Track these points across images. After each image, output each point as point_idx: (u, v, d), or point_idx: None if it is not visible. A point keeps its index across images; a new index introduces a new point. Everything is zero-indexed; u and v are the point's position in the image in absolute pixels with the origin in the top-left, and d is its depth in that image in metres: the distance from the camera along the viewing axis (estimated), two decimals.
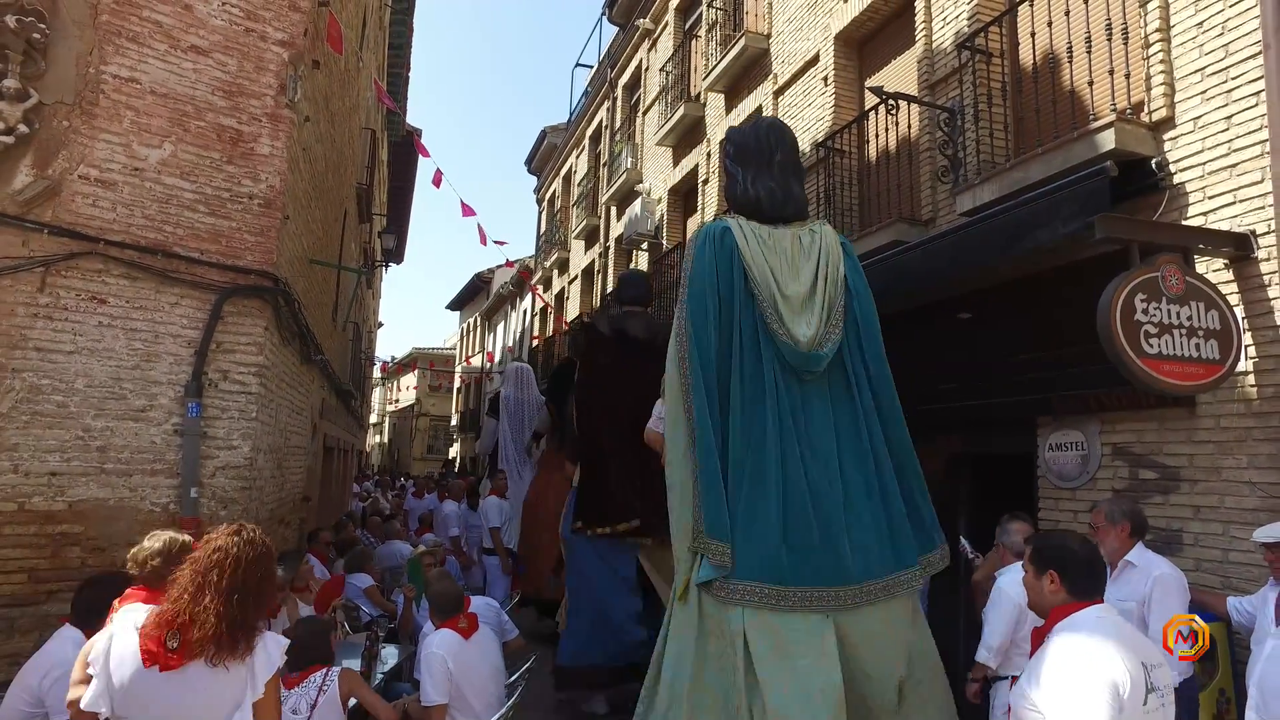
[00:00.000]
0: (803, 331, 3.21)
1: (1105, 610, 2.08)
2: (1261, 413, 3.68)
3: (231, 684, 2.13)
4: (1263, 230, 3.69)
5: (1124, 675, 1.89)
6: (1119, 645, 1.95)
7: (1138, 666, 1.93)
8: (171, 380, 4.98)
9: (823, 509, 3.04)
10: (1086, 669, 1.91)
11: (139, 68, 5.03)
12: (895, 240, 5.86)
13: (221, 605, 2.09)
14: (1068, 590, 2.09)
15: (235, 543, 2.18)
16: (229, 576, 2.12)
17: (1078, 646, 1.97)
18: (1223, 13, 3.97)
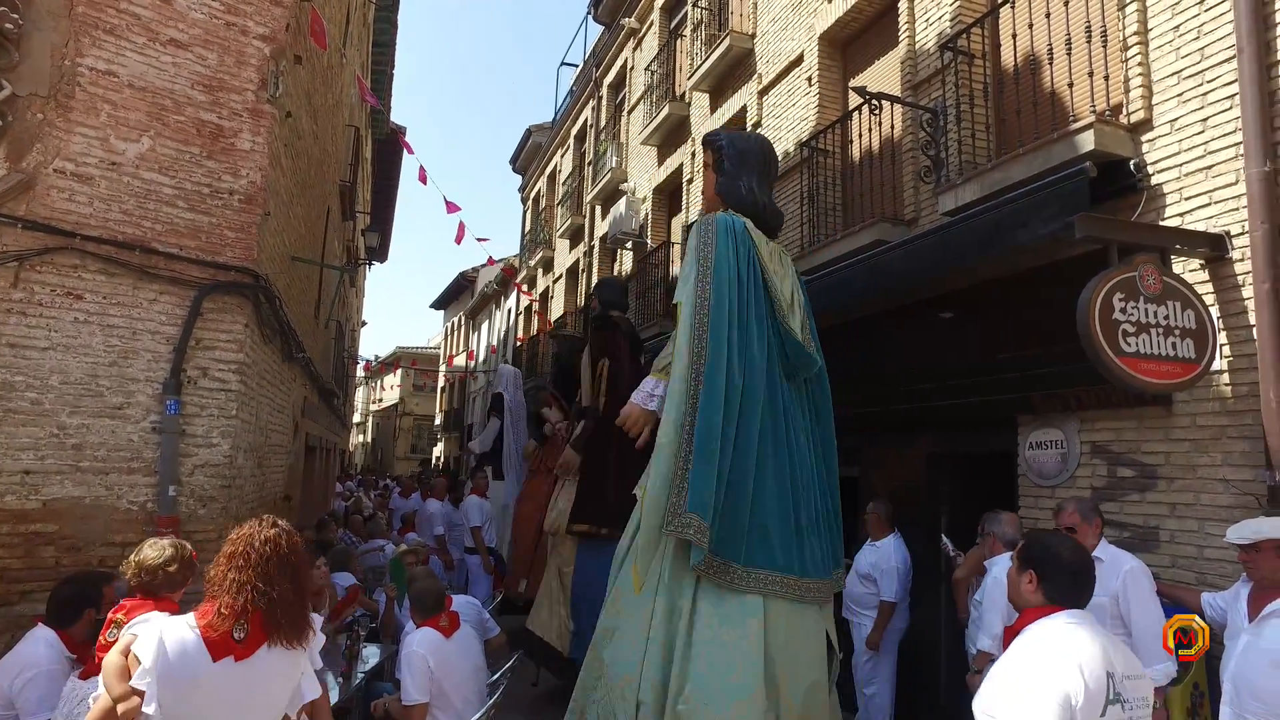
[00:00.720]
0: (803, 337, 3.52)
1: (1077, 617, 2.02)
2: (1235, 411, 3.73)
3: (299, 662, 2.26)
4: (1237, 231, 3.74)
5: (1077, 685, 1.84)
6: (1080, 653, 1.90)
7: (1099, 676, 1.87)
8: (149, 377, 4.92)
9: (808, 505, 3.25)
10: (1038, 676, 1.88)
11: (116, 60, 4.96)
12: (878, 240, 5.89)
13: (276, 593, 2.16)
14: (1044, 594, 2.06)
15: (277, 533, 2.25)
16: (278, 566, 2.19)
17: (1034, 652, 1.94)
18: (1198, 17, 4.02)
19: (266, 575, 2.15)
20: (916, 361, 5.67)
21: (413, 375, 35.29)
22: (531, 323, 19.49)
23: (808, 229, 7.11)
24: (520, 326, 20.48)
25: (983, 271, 4.89)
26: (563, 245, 17.30)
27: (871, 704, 5.21)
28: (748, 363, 3.28)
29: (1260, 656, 2.70)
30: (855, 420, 5.56)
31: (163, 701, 2.03)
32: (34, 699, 2.92)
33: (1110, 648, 1.96)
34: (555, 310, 17.37)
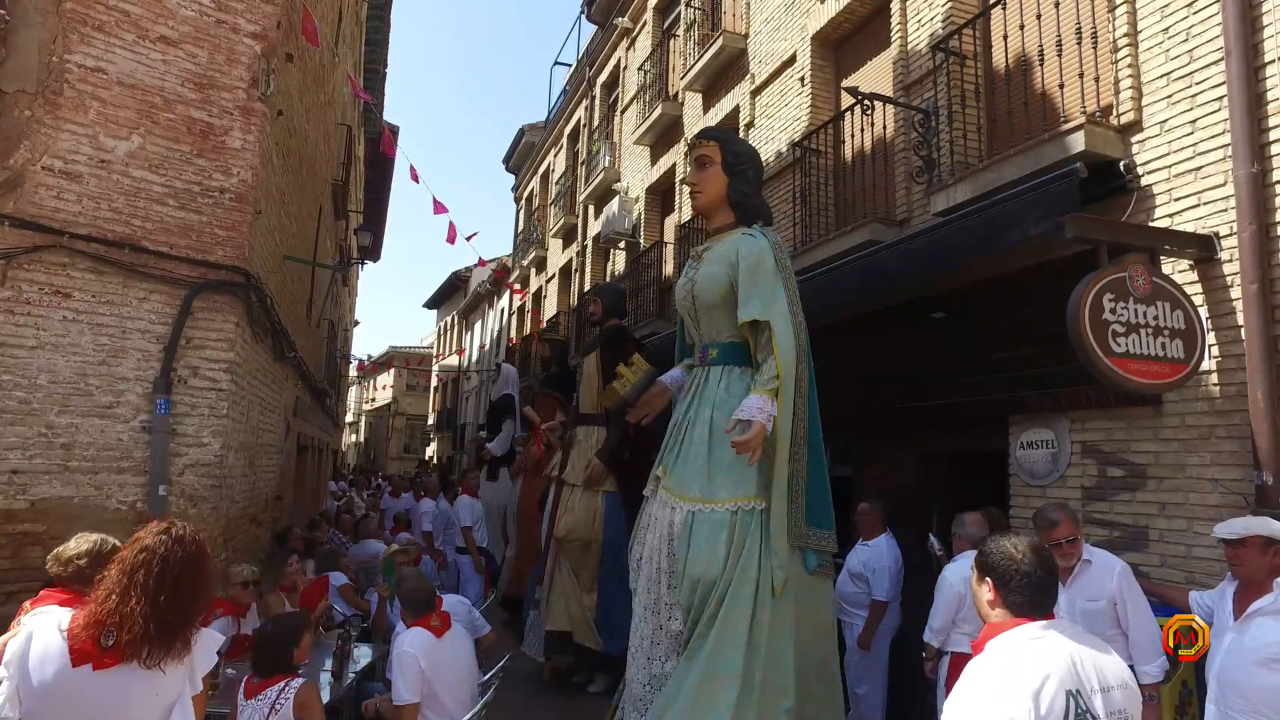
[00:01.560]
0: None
1: (1042, 630, 1.84)
2: (1224, 410, 3.75)
3: (169, 684, 2.06)
4: (1225, 232, 3.76)
5: (1024, 709, 1.69)
6: (1035, 674, 1.74)
7: (1056, 699, 1.72)
8: (139, 377, 4.89)
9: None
10: (979, 703, 1.75)
11: (105, 57, 4.94)
12: (870, 240, 5.90)
13: (149, 607, 2.01)
14: (1004, 604, 1.89)
15: (162, 541, 2.09)
16: (156, 578, 2.03)
17: (987, 675, 1.80)
18: (1187, 20, 4.04)
19: (145, 586, 2.02)
20: (908, 361, 5.69)
21: (405, 375, 35.21)
22: (525, 322, 19.47)
23: (800, 229, 7.12)
24: (513, 326, 20.46)
25: (974, 272, 4.90)
26: (555, 245, 17.29)
27: (863, 703, 5.21)
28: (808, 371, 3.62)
29: (1245, 654, 2.70)
30: (848, 420, 5.57)
31: (21, 699, 1.97)
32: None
33: (1084, 660, 1.80)
34: (548, 310, 17.36)
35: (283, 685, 3.13)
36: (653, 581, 3.54)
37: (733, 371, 3.63)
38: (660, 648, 3.46)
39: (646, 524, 3.70)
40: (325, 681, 4.11)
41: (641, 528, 3.74)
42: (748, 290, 3.45)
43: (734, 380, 3.59)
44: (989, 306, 5.09)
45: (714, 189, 3.76)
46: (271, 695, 3.09)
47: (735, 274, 3.51)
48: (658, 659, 3.45)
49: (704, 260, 3.74)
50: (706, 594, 3.28)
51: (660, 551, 3.53)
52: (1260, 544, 2.87)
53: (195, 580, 2.12)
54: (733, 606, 3.22)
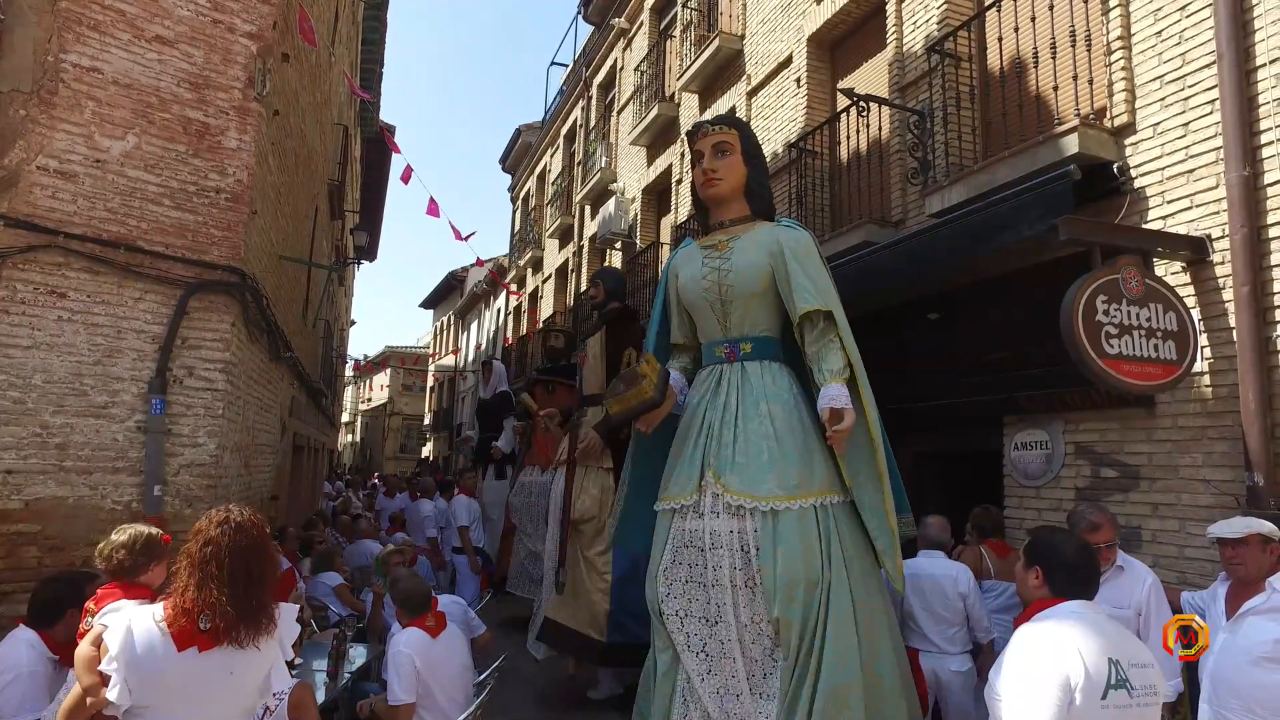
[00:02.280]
0: None
1: (1083, 606, 2.07)
2: (1216, 412, 3.77)
3: (265, 657, 2.22)
4: (1218, 235, 3.79)
5: (1077, 667, 1.89)
6: (1082, 638, 1.95)
7: (1100, 660, 1.92)
8: (135, 376, 4.89)
9: None
10: (1038, 658, 1.94)
11: (101, 57, 4.93)
12: (866, 241, 5.92)
13: (229, 595, 2.13)
14: (1050, 588, 2.12)
15: (225, 532, 2.19)
16: (229, 568, 2.14)
17: (1036, 637, 2.01)
18: (1179, 23, 4.06)
19: (220, 577, 2.13)
20: (903, 362, 5.70)
21: (402, 375, 35.17)
22: (521, 323, 19.46)
23: None
24: (509, 326, 20.45)
25: (969, 273, 4.92)
26: (552, 245, 17.29)
27: None
28: None
29: (1238, 654, 2.72)
30: None
31: (131, 689, 2.04)
32: (15, 700, 2.90)
33: (1117, 636, 2.02)
34: (545, 310, 17.36)
35: None
36: (725, 608, 3.06)
37: (771, 366, 3.37)
38: (741, 681, 3.03)
39: (686, 541, 3.18)
40: (320, 681, 4.11)
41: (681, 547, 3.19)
42: (802, 279, 3.26)
43: (776, 374, 3.35)
44: (983, 307, 5.11)
45: (735, 177, 3.50)
46: None
47: (779, 263, 3.30)
48: (744, 694, 3.01)
49: (733, 250, 3.41)
50: (809, 598, 2.96)
51: (737, 569, 3.06)
52: (1260, 541, 2.90)
53: (263, 562, 2.24)
54: (838, 609, 2.97)
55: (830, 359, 3.21)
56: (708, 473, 3.21)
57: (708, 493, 3.18)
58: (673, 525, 3.25)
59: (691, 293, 3.50)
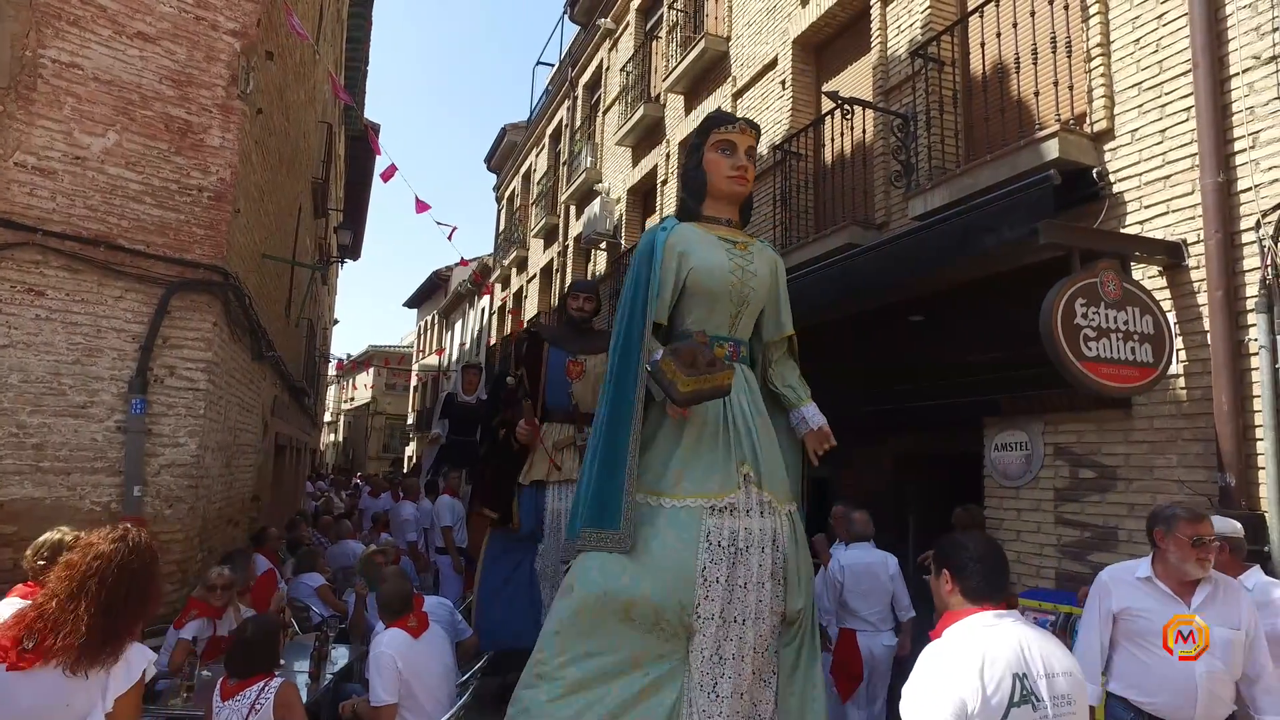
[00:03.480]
0: None
1: (994, 617, 1.97)
2: (1190, 414, 3.83)
3: (85, 692, 2.00)
4: (1193, 240, 3.85)
5: (973, 688, 1.83)
6: (983, 655, 1.88)
7: (1002, 677, 1.85)
8: (114, 376, 4.84)
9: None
10: (935, 682, 1.89)
11: (81, 53, 4.88)
12: (849, 243, 5.96)
13: (96, 615, 1.96)
14: (960, 591, 2.03)
15: (120, 549, 2.04)
16: (110, 587, 1.99)
17: (936, 657, 1.94)
18: (1157, 31, 4.13)
19: (97, 595, 1.98)
20: (886, 364, 5.75)
21: (385, 374, 34.97)
22: (505, 322, 19.41)
23: (780, 232, 7.17)
24: (494, 327, 20.39)
25: (951, 275, 4.97)
26: (537, 245, 17.26)
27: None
28: None
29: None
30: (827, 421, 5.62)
31: None
32: None
33: (1031, 646, 1.93)
34: (529, 310, 17.32)
35: (262, 685, 3.11)
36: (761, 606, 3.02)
37: (752, 373, 3.46)
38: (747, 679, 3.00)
39: (727, 540, 3.01)
40: (302, 683, 4.09)
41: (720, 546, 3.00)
42: (786, 304, 3.53)
43: (754, 382, 3.44)
44: (965, 310, 5.16)
45: (751, 186, 3.52)
46: (251, 695, 3.07)
47: (775, 283, 3.49)
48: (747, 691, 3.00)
49: (753, 255, 3.41)
50: (809, 600, 3.22)
51: (765, 568, 3.05)
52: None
53: (146, 590, 2.07)
54: (810, 608, 3.25)
55: (800, 381, 3.51)
56: (744, 469, 3.13)
57: (750, 491, 3.10)
58: (707, 523, 3.01)
59: (713, 281, 3.28)
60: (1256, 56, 3.66)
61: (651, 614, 2.91)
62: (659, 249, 3.27)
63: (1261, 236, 3.55)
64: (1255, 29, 3.68)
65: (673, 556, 2.95)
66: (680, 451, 3.14)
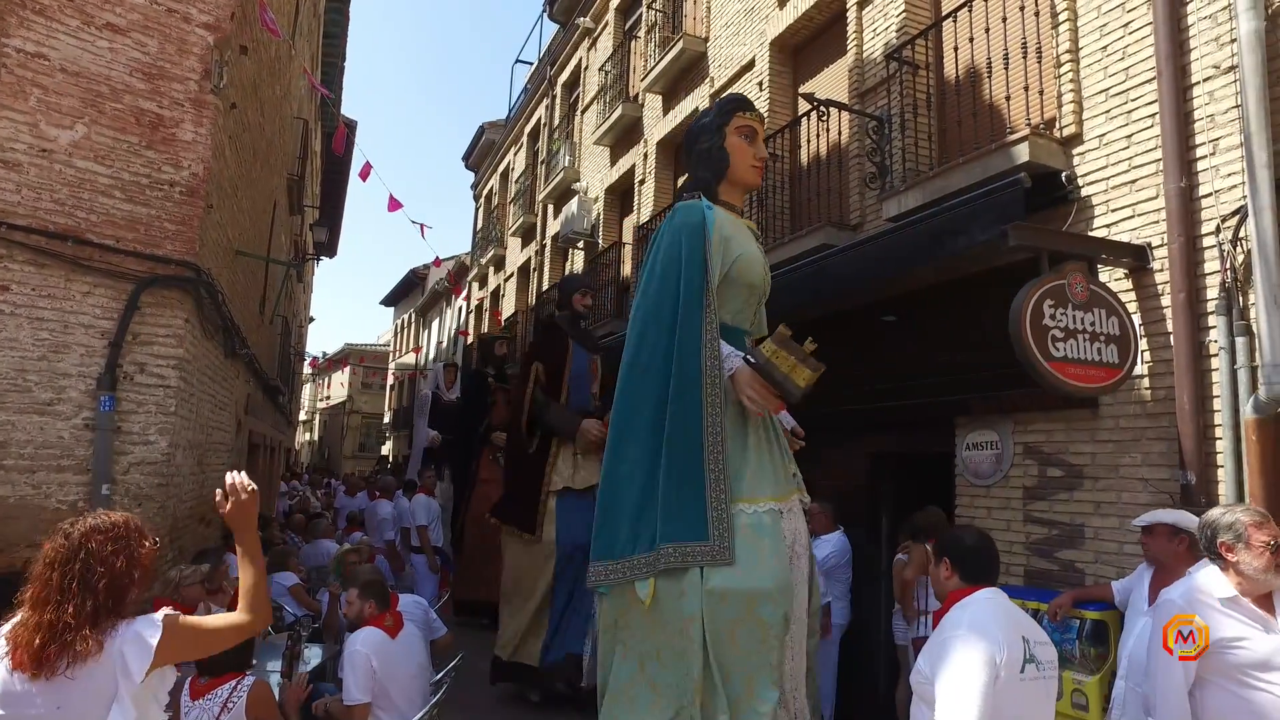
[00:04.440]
0: None
1: (993, 592, 2.29)
2: (1154, 414, 3.92)
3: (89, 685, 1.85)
4: (1157, 243, 3.94)
5: (1000, 647, 2.09)
6: (999, 620, 2.18)
7: (1016, 640, 2.14)
8: (82, 373, 4.77)
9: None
10: (964, 642, 2.11)
11: (47, 43, 4.80)
12: (824, 244, 6.02)
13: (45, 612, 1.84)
14: (959, 576, 2.32)
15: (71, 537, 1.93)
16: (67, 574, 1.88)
17: (960, 623, 2.18)
18: (1123, 39, 4.21)
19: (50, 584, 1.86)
20: (860, 363, 5.81)
21: (361, 373, 34.67)
22: (483, 321, 19.33)
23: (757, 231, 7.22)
24: (471, 325, 20.29)
25: (924, 276, 5.03)
26: (514, 243, 17.21)
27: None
28: None
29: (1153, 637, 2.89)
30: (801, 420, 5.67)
31: None
32: None
33: (1022, 618, 2.29)
34: (506, 309, 17.27)
35: (235, 684, 3.07)
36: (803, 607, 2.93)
37: None
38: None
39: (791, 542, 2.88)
40: (274, 683, 4.06)
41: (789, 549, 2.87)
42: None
43: None
44: (937, 311, 5.23)
45: None
46: (223, 694, 3.04)
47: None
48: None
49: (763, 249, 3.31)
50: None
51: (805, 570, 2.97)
52: (1167, 532, 3.13)
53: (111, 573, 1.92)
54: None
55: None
56: (791, 469, 3.04)
57: (796, 492, 3.01)
58: (779, 527, 2.84)
59: (753, 272, 3.10)
60: (1216, 66, 3.75)
61: (783, 622, 2.72)
62: (706, 230, 2.92)
63: (1221, 241, 3.64)
64: (1215, 39, 3.77)
65: (777, 563, 2.76)
66: (749, 454, 2.91)
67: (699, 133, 3.21)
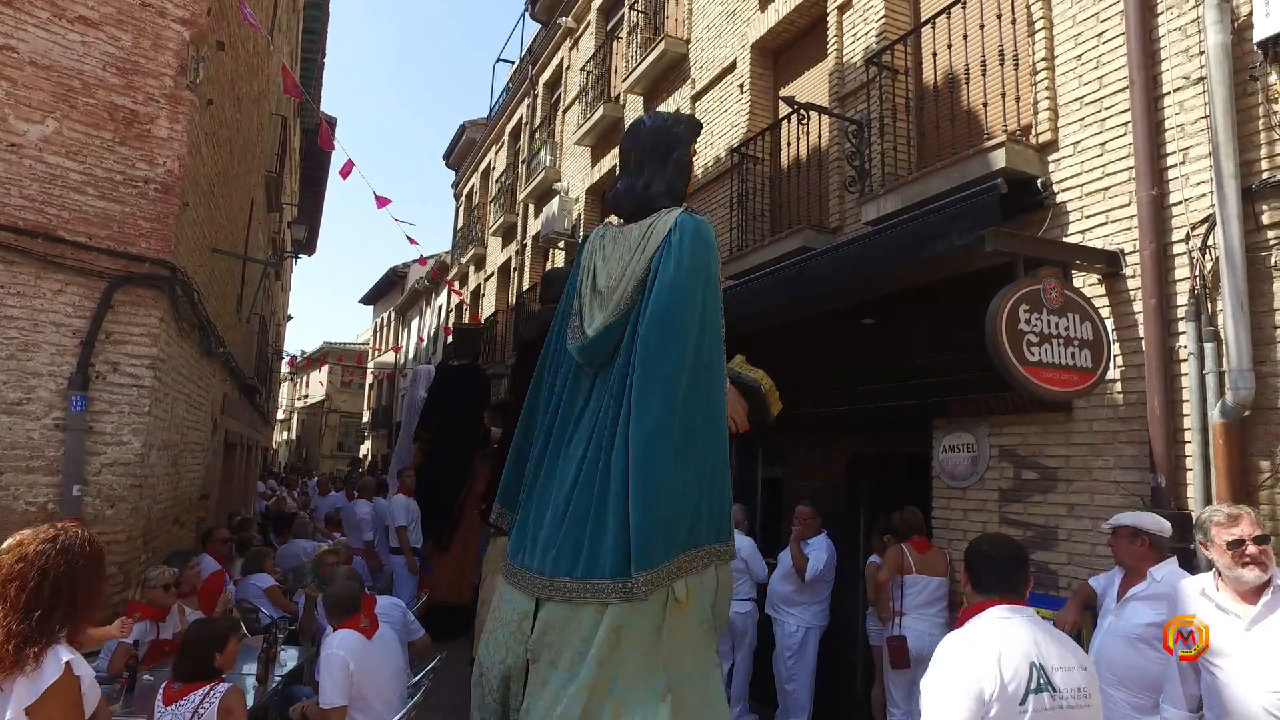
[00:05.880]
0: (592, 324, 3.02)
1: (1010, 610, 2.10)
2: (1126, 418, 3.98)
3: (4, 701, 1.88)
4: (1130, 250, 4.00)
5: (992, 676, 1.95)
6: (1002, 644, 2.00)
7: (1020, 665, 1.96)
8: (53, 372, 4.69)
9: (547, 502, 2.96)
10: (953, 669, 2.01)
11: (16, 35, 4.71)
12: (804, 247, 6.05)
13: (15, 622, 1.85)
14: (975, 586, 2.20)
15: (46, 550, 1.93)
16: (30, 592, 1.88)
17: (955, 647, 2.07)
18: (1097, 48, 4.28)
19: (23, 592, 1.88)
20: (839, 366, 5.85)
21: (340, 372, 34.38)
22: (463, 318, 19.23)
23: (736, 234, 7.25)
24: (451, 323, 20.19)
25: (902, 280, 5.08)
26: (495, 243, 17.14)
27: (791, 699, 5.36)
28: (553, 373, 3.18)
29: (1117, 634, 3.06)
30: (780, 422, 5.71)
31: None
32: None
33: (1043, 640, 2.06)
34: (487, 308, 17.20)
35: (207, 690, 3.05)
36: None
37: None
38: None
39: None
40: (250, 686, 4.02)
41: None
42: None
43: None
44: (915, 314, 5.28)
45: None
46: (195, 700, 3.01)
47: None
48: None
49: None
50: None
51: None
52: (1129, 534, 3.22)
53: (77, 593, 1.94)
54: None
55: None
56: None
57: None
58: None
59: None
60: (1186, 77, 3.82)
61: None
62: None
63: (1191, 248, 3.71)
64: (1185, 51, 3.84)
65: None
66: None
67: (673, 142, 3.22)
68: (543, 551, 2.86)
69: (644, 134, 3.34)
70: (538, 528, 2.93)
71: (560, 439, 3.05)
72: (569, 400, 3.09)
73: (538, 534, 2.92)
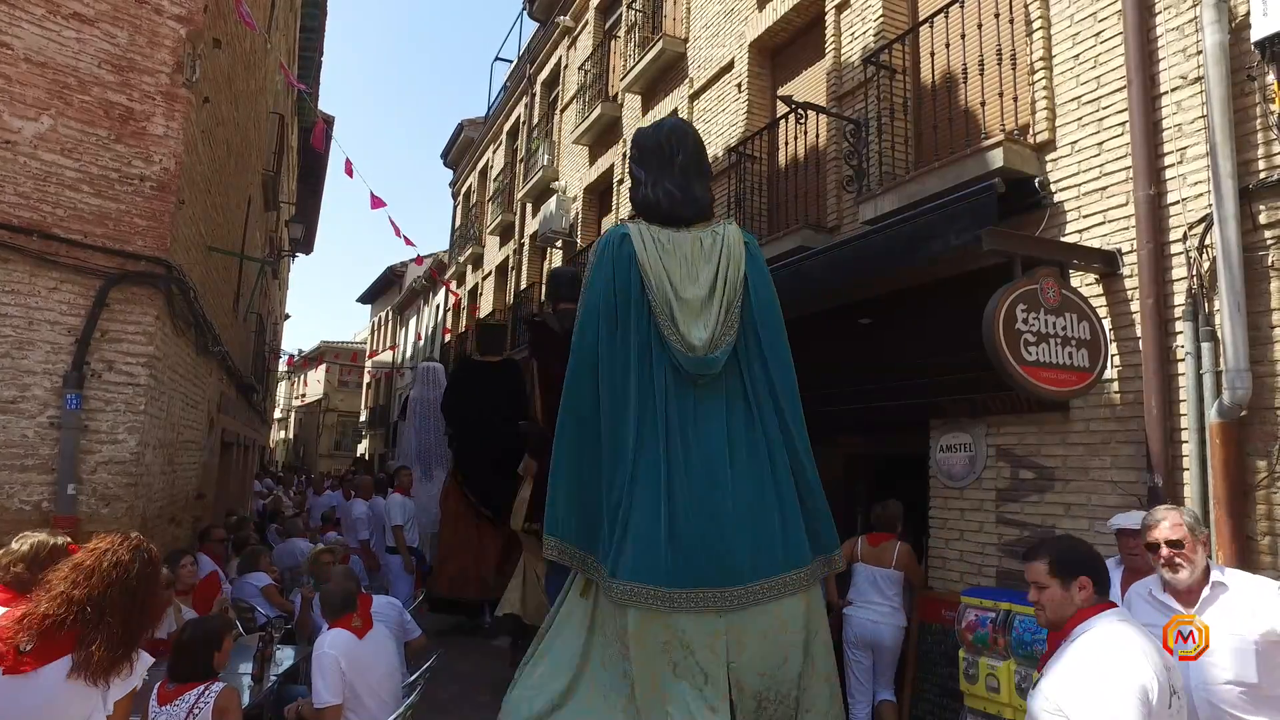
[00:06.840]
0: (698, 335, 3.18)
1: (1123, 613, 2.09)
2: (1123, 417, 3.98)
3: (84, 698, 2.02)
4: (1127, 250, 4.00)
5: (1152, 678, 1.88)
6: (1145, 648, 1.94)
7: (1162, 669, 1.92)
8: (48, 370, 4.67)
9: (708, 511, 3.00)
10: (1117, 671, 1.89)
11: (10, 31, 4.69)
12: (801, 246, 6.05)
13: (119, 625, 2.01)
14: (1096, 593, 2.09)
15: (137, 558, 2.10)
16: (131, 595, 2.05)
17: (1106, 648, 1.95)
18: (1095, 48, 4.28)
19: (99, 599, 2.01)
20: (836, 365, 5.84)
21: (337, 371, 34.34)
22: (460, 319, 19.21)
23: None
24: (449, 322, 20.16)
25: (900, 279, 5.07)
26: (493, 242, 17.12)
27: None
28: (639, 383, 3.17)
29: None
30: None
31: None
32: None
33: (1155, 641, 2.05)
34: (485, 307, 17.18)
35: (202, 689, 3.03)
36: None
37: None
38: None
39: None
40: (245, 685, 4.01)
41: None
42: None
43: None
44: (912, 314, 5.27)
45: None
46: (190, 700, 3.00)
47: None
48: None
49: None
50: None
51: None
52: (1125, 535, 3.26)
53: (150, 601, 2.13)
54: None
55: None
56: None
57: None
58: None
59: None
60: (1183, 77, 3.82)
61: None
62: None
63: (1188, 248, 3.71)
64: (1182, 51, 3.84)
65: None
66: None
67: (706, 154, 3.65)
68: (722, 563, 2.98)
69: (691, 143, 3.61)
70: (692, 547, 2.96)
71: (679, 453, 3.11)
72: (689, 415, 3.19)
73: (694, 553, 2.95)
